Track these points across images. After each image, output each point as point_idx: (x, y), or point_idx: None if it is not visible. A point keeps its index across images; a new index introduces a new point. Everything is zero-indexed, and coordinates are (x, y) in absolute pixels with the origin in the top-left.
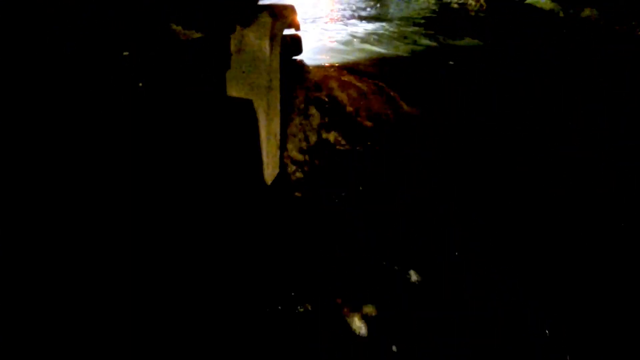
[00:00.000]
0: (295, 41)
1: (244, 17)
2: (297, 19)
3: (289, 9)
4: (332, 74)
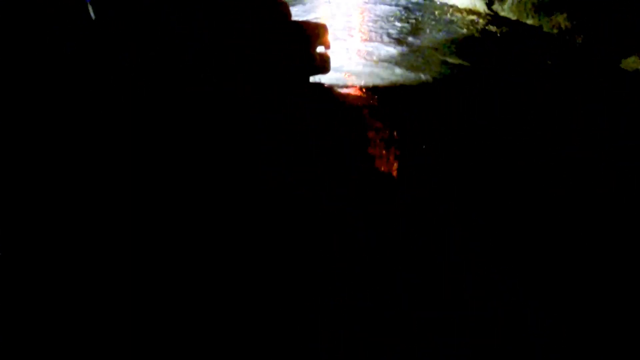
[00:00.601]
0: (323, 60)
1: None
2: (328, 39)
3: (322, 28)
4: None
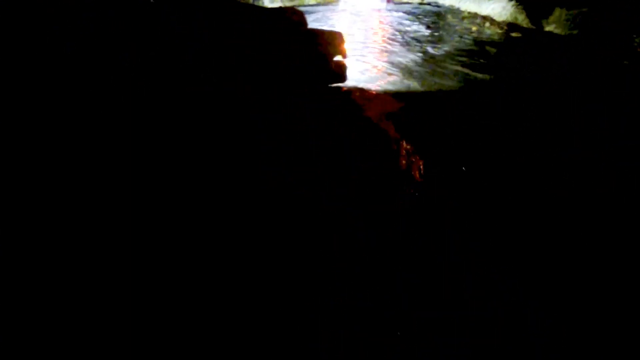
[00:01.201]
0: (340, 68)
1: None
2: (345, 48)
3: (338, 37)
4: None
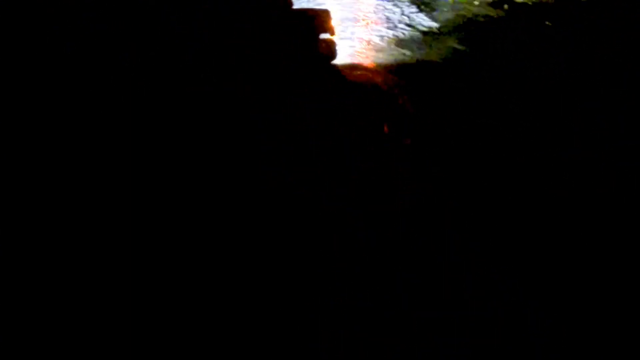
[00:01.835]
0: (329, 46)
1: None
2: (332, 25)
3: (324, 14)
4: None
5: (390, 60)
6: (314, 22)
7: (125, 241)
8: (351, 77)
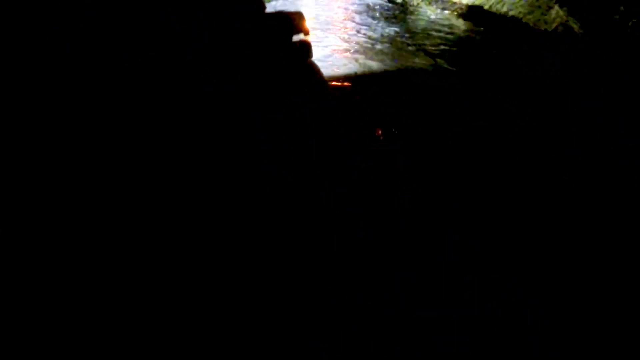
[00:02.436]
0: (304, 46)
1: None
2: (306, 25)
3: (298, 16)
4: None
5: (359, 68)
6: (289, 23)
7: (125, 240)
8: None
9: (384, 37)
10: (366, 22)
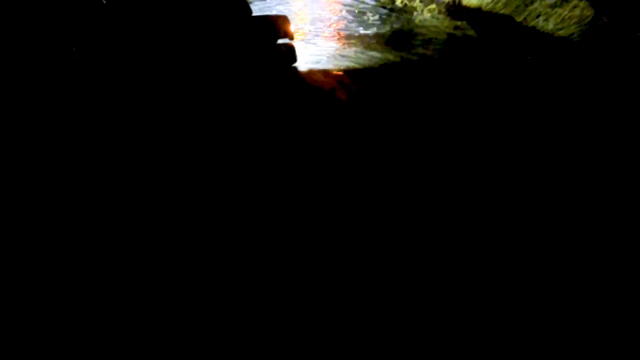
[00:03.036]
0: (289, 50)
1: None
2: (291, 29)
3: (283, 19)
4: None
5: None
6: (272, 27)
7: (124, 240)
8: (312, 81)
9: (373, 35)
10: (355, 21)
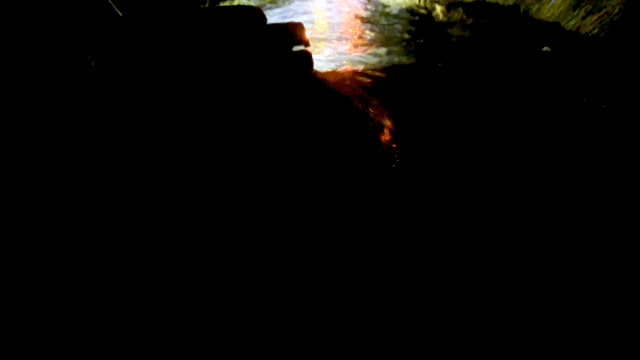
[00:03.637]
0: (305, 56)
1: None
2: (306, 37)
3: (298, 27)
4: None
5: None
6: (287, 35)
7: (124, 240)
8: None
9: (392, 37)
10: (376, 26)
